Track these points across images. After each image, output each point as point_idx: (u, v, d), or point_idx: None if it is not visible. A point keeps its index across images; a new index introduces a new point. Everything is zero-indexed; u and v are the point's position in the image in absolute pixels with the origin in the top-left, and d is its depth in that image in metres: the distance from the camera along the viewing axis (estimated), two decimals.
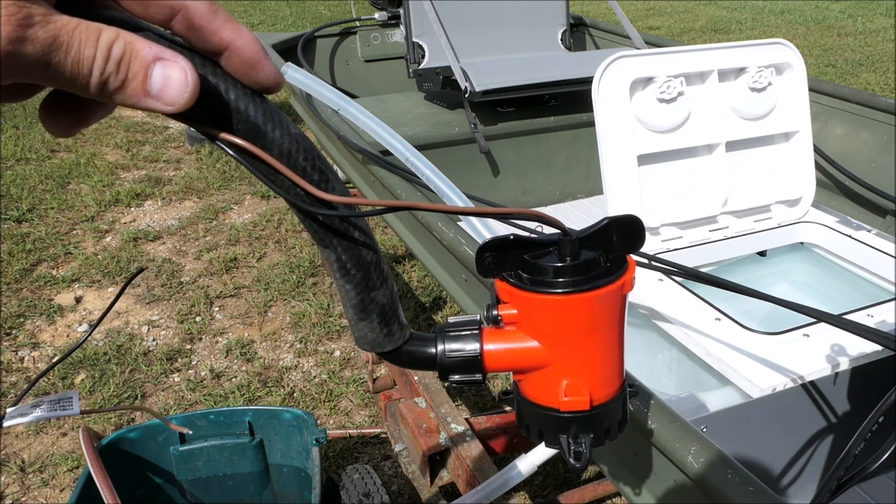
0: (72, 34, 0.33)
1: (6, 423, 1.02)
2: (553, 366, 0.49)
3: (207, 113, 0.38)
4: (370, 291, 0.46)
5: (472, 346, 0.49)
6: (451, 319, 0.51)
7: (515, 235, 0.47)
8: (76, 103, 0.39)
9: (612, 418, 0.51)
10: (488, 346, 0.49)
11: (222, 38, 0.38)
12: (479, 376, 0.50)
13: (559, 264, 0.46)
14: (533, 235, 0.48)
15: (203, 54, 0.38)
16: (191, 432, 1.51)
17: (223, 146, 0.39)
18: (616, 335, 0.49)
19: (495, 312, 0.49)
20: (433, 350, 0.50)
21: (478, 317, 0.51)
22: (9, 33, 0.31)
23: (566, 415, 0.49)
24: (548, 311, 0.47)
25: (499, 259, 0.47)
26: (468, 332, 0.50)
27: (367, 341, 0.49)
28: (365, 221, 0.45)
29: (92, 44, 0.34)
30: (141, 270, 0.88)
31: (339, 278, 0.46)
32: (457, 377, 0.50)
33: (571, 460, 0.49)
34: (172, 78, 0.35)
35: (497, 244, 0.47)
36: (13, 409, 1.04)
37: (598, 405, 0.49)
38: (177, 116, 0.37)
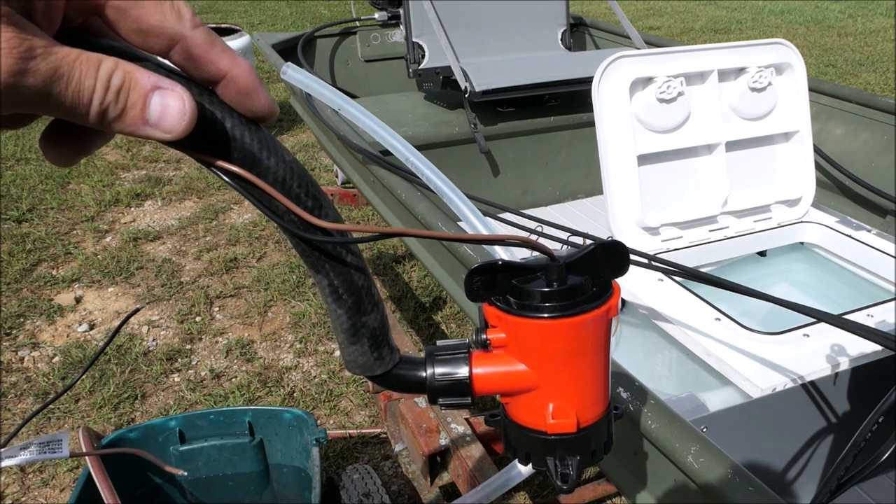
0: (72, 65, 0.34)
1: None
2: (541, 389, 0.49)
3: (204, 141, 0.39)
4: (361, 316, 0.47)
5: (461, 370, 0.50)
6: (440, 343, 0.52)
7: (503, 261, 0.48)
8: (76, 133, 0.39)
9: (599, 440, 0.52)
10: (477, 370, 0.50)
11: (219, 67, 0.39)
12: (468, 399, 0.51)
13: (546, 289, 0.47)
14: (520, 260, 0.48)
15: (200, 83, 0.39)
16: (185, 473, 1.52)
17: (220, 174, 0.40)
18: (602, 358, 0.50)
19: (484, 336, 0.49)
20: (423, 374, 0.51)
21: (466, 340, 0.52)
22: (11, 66, 0.32)
23: (553, 437, 0.50)
24: (536, 335, 0.48)
25: (487, 284, 0.48)
26: (457, 356, 0.50)
27: (358, 365, 0.49)
28: (357, 247, 0.46)
29: (92, 74, 0.34)
30: (137, 311, 0.90)
31: (331, 303, 0.46)
32: (446, 400, 0.51)
33: (558, 482, 0.50)
34: (170, 106, 0.36)
35: (485, 269, 0.47)
36: (3, 450, 1.04)
37: (584, 427, 0.50)
38: (175, 144, 0.38)
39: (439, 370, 0.50)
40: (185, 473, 1.52)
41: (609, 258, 0.48)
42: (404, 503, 1.94)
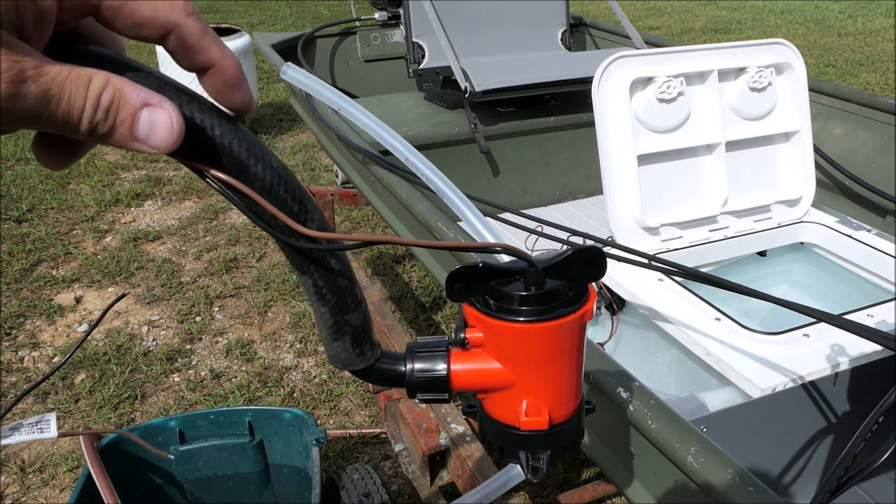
0: (62, 85, 0.34)
1: None
2: (515, 387, 0.51)
3: (194, 150, 0.40)
4: (344, 314, 0.49)
5: (439, 367, 0.52)
6: (420, 340, 0.54)
7: (484, 263, 0.49)
8: (67, 139, 0.40)
9: (569, 436, 0.54)
10: (455, 367, 0.52)
11: (210, 56, 0.40)
12: (445, 395, 0.53)
13: (524, 293, 0.48)
14: (500, 264, 0.50)
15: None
16: (172, 457, 1.52)
17: (209, 181, 0.42)
18: (575, 360, 0.52)
19: (462, 335, 0.51)
20: (402, 369, 0.52)
21: (445, 338, 0.54)
22: (3, 91, 0.32)
23: (526, 433, 0.52)
24: (512, 337, 0.49)
25: (468, 285, 0.49)
26: (436, 353, 0.52)
27: (341, 360, 0.51)
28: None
29: (82, 93, 0.35)
30: (122, 297, 0.91)
31: (315, 301, 0.48)
32: (424, 395, 0.53)
33: (529, 475, 0.52)
34: (159, 123, 0.37)
35: (466, 272, 0.49)
36: None
37: (556, 424, 0.52)
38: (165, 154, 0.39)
39: (418, 366, 0.52)
40: (172, 457, 1.53)
41: (587, 263, 0.49)
42: (404, 503, 1.94)
